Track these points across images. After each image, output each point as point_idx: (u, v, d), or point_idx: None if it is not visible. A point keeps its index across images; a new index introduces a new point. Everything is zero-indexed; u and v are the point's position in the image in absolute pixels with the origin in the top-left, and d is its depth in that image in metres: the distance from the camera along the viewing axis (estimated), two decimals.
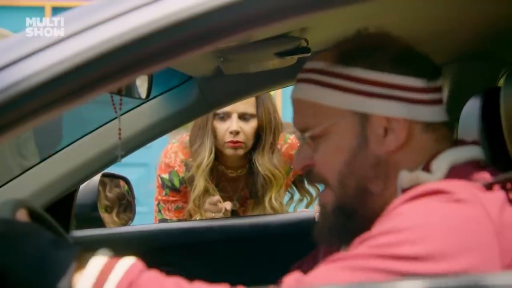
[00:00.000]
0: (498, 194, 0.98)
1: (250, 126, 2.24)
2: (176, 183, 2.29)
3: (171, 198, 2.31)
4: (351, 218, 1.08)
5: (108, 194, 2.14)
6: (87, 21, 0.90)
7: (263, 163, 2.26)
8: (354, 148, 1.07)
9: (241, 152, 2.25)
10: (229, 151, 2.23)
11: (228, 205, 2.24)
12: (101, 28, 0.89)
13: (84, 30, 0.90)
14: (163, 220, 2.32)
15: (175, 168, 2.28)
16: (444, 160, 1.05)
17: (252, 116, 2.24)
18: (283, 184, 2.33)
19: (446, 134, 1.10)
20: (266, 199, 2.29)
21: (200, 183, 2.23)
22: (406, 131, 1.06)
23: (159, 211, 2.33)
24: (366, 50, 1.09)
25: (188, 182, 2.27)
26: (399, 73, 1.07)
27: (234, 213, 2.35)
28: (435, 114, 1.09)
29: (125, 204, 2.16)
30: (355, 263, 0.92)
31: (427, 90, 1.08)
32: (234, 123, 2.21)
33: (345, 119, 1.08)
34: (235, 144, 2.22)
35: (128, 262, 0.96)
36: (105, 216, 2.10)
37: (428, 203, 0.95)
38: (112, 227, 2.10)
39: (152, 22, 0.88)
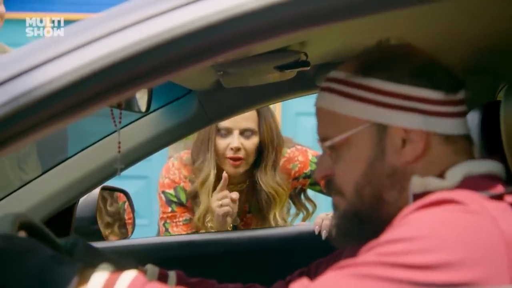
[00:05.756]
0: (508, 207, 0.98)
1: (251, 143, 2.22)
2: (183, 197, 2.26)
3: (178, 213, 2.27)
4: (365, 224, 1.09)
5: (109, 209, 2.13)
6: (89, 35, 0.90)
7: (266, 181, 2.24)
8: (371, 158, 1.08)
9: (241, 169, 2.22)
10: (229, 169, 2.21)
11: (234, 194, 2.17)
12: (104, 42, 0.90)
13: (86, 44, 0.90)
14: None
15: (181, 184, 2.26)
16: (459, 170, 1.05)
17: (253, 132, 2.22)
18: (286, 201, 2.31)
19: (465, 147, 1.09)
20: (271, 217, 2.27)
21: (204, 200, 2.20)
22: (424, 142, 1.06)
23: (166, 230, 2.27)
24: (386, 62, 1.09)
25: (191, 198, 2.25)
26: (417, 85, 1.07)
27: (235, 229, 2.32)
28: (453, 126, 1.08)
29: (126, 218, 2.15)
30: (363, 271, 0.91)
31: (446, 102, 1.07)
32: (235, 140, 2.19)
33: (363, 130, 1.08)
34: (236, 162, 2.20)
35: (130, 275, 0.96)
36: (106, 231, 2.09)
37: (438, 212, 0.95)
38: (112, 241, 2.09)
39: (153, 36, 0.89)
